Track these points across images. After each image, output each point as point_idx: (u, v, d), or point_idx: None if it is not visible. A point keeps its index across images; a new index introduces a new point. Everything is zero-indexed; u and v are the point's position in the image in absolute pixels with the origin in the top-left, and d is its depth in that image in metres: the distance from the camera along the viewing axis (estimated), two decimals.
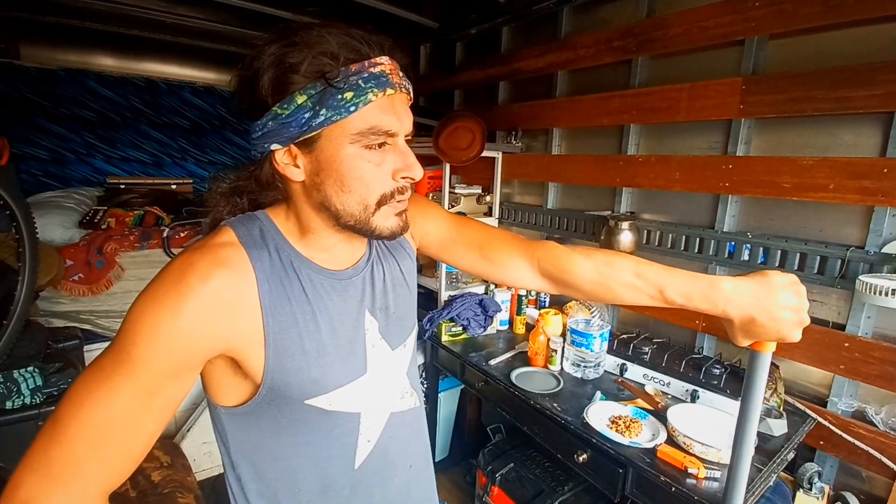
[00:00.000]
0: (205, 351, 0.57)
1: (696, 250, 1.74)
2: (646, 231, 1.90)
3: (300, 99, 0.56)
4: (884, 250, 1.32)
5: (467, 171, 2.69)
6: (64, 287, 2.10)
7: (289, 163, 0.61)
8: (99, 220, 2.42)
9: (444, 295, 2.25)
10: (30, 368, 1.49)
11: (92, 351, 2.00)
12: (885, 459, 1.31)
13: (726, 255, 1.65)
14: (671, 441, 1.29)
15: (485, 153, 2.23)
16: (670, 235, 1.82)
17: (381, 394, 0.73)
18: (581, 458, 1.35)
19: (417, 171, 0.63)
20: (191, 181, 3.89)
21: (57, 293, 2.12)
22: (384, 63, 0.58)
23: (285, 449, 0.67)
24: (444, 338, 2.02)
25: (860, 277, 1.27)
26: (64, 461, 0.50)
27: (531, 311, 2.17)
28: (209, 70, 3.93)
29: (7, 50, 3.12)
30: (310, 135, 0.57)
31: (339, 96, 0.55)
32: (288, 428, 0.65)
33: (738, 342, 0.71)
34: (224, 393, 0.64)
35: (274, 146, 0.59)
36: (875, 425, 1.36)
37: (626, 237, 1.85)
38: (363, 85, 0.56)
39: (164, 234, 2.24)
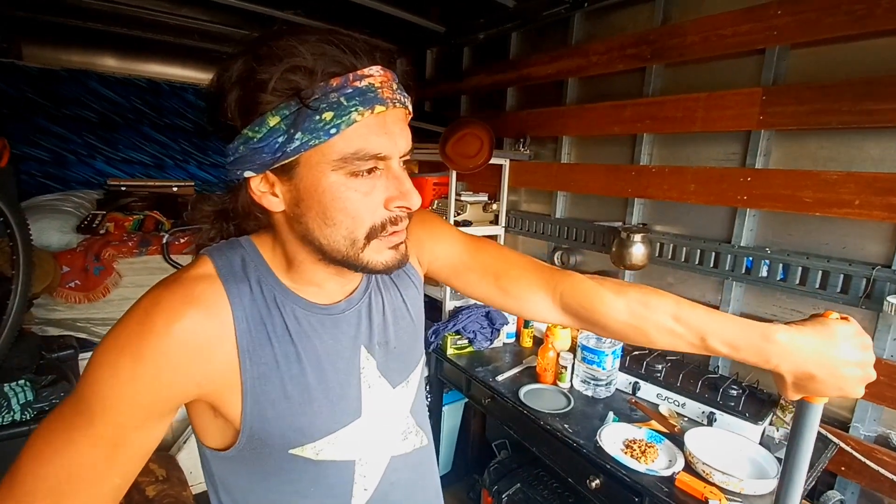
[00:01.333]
0: (172, 398, 0.51)
1: (711, 265, 1.68)
2: (658, 243, 1.84)
3: (272, 121, 0.48)
4: None
5: (474, 178, 2.64)
6: (60, 294, 2.06)
7: (266, 191, 0.53)
8: (97, 225, 2.37)
9: (450, 306, 2.19)
10: (20, 382, 1.44)
11: (87, 360, 1.95)
12: None
13: (743, 271, 1.59)
14: (689, 468, 1.23)
15: (492, 160, 2.18)
16: (684, 249, 1.76)
17: (379, 437, 0.65)
18: (594, 485, 1.29)
19: (414, 200, 0.54)
20: (192, 184, 3.85)
21: (52, 300, 2.07)
22: (373, 75, 0.50)
23: (274, 496, 0.60)
24: (450, 351, 1.96)
25: (888, 298, 1.22)
26: None
27: (539, 325, 2.12)
28: (212, 72, 3.84)
29: (9, 50, 3.09)
30: (285, 161, 0.50)
31: (317, 117, 0.48)
32: (275, 476, 0.59)
33: (788, 396, 0.62)
34: (209, 435, 0.59)
35: (248, 173, 0.52)
36: None
37: (637, 249, 1.79)
38: (345, 103, 0.48)
39: (164, 240, 2.19)
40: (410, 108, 0.56)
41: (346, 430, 0.61)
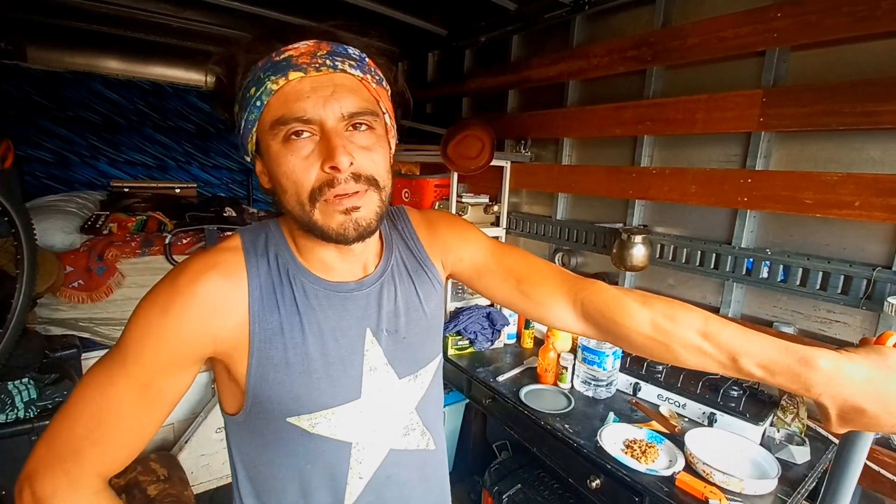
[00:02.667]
0: (193, 350, 0.57)
1: (712, 266, 1.68)
2: (659, 245, 1.85)
3: (236, 108, 0.59)
4: None
5: (475, 179, 2.64)
6: (63, 294, 2.07)
7: (261, 171, 0.62)
8: (101, 226, 2.39)
9: (451, 307, 2.20)
10: (24, 380, 1.45)
11: (90, 359, 1.96)
12: None
13: (744, 272, 1.59)
14: (690, 468, 1.23)
15: (493, 162, 2.19)
16: (685, 250, 1.77)
17: (378, 425, 0.66)
18: (594, 485, 1.30)
19: (340, 159, 0.54)
20: (195, 185, 3.87)
21: (56, 300, 2.08)
22: (295, 48, 0.55)
23: (272, 468, 0.64)
24: (451, 351, 1.97)
25: (889, 299, 1.22)
26: (65, 440, 0.54)
27: (540, 325, 2.12)
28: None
29: (14, 52, 3.11)
30: (249, 140, 0.59)
31: (247, 95, 0.56)
32: (273, 446, 0.63)
33: (832, 429, 0.56)
34: (226, 398, 0.65)
35: (247, 157, 0.62)
36: None
37: (638, 251, 1.80)
38: (263, 76, 0.55)
39: (167, 241, 2.20)
40: (358, 73, 0.58)
41: (343, 409, 0.63)
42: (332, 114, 0.55)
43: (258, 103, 0.55)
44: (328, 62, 0.55)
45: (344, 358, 0.63)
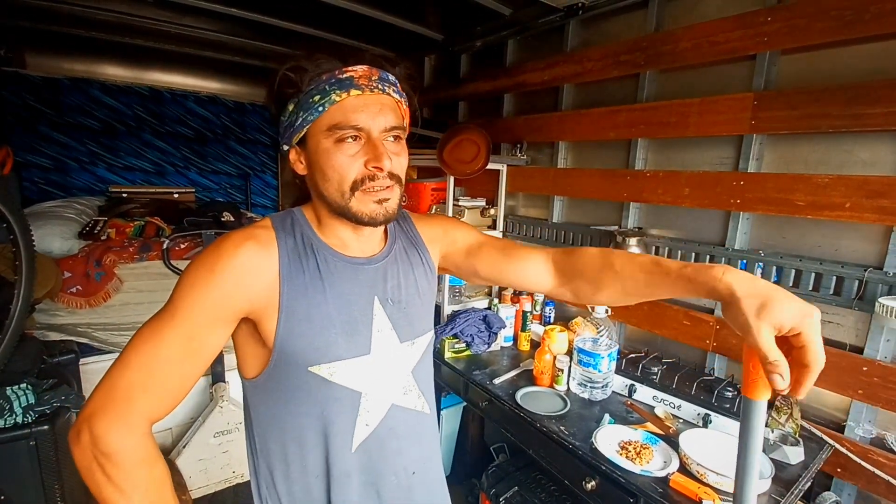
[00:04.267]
0: (233, 306, 0.67)
1: None
2: (654, 247, 1.86)
3: (290, 107, 0.72)
4: None
5: (471, 183, 2.66)
6: (61, 299, 2.07)
7: (296, 160, 0.75)
8: (99, 231, 2.40)
9: (448, 310, 2.21)
10: (22, 385, 1.45)
11: (88, 365, 1.96)
12: None
13: None
14: (684, 469, 1.23)
15: (489, 166, 2.20)
16: (679, 252, 1.78)
17: (383, 380, 0.78)
18: (589, 486, 1.30)
19: (384, 162, 0.70)
20: (193, 190, 3.88)
21: (54, 305, 2.09)
22: (355, 70, 0.70)
23: (292, 419, 0.74)
24: (448, 354, 1.97)
25: (880, 300, 1.23)
26: (119, 386, 0.63)
27: (536, 328, 2.13)
28: (213, 80, 3.95)
29: (13, 59, 3.13)
30: (299, 134, 0.71)
31: (311, 100, 0.69)
32: (294, 395, 0.73)
33: (752, 323, 0.55)
34: (248, 363, 0.75)
35: (285, 147, 0.75)
36: (895, 453, 1.31)
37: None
38: (328, 89, 0.68)
39: (164, 246, 2.21)
40: (396, 96, 0.74)
41: (356, 361, 0.75)
42: (377, 126, 0.70)
43: (320, 108, 0.69)
44: (379, 86, 0.71)
45: (357, 318, 0.75)
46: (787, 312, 0.54)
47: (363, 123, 0.69)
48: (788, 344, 0.55)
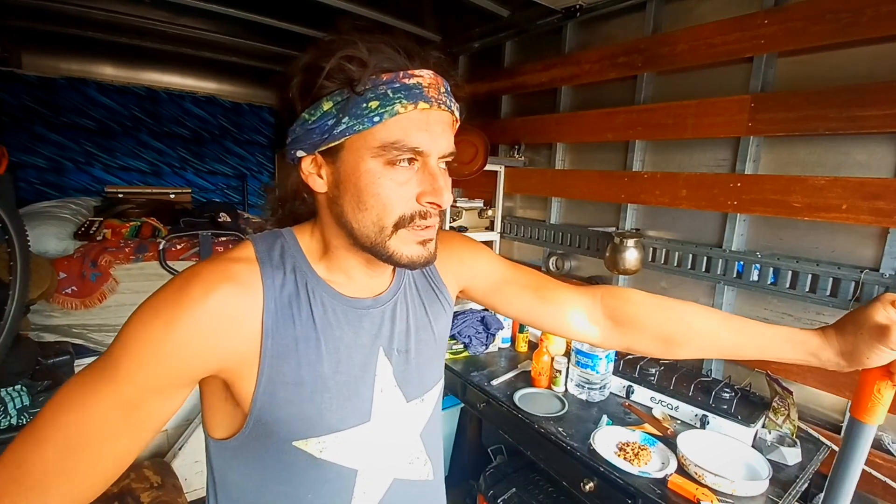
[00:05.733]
0: (196, 368, 0.52)
1: (703, 269, 1.70)
2: (651, 248, 1.86)
3: (326, 105, 0.53)
4: None
5: (469, 184, 2.66)
6: (56, 300, 2.06)
7: (313, 172, 0.57)
8: (94, 232, 2.38)
9: None
10: (17, 387, 1.45)
11: (83, 366, 1.95)
12: None
13: (735, 275, 1.61)
14: (682, 470, 1.23)
15: (487, 167, 2.20)
16: (677, 253, 1.78)
17: (384, 452, 0.64)
18: (588, 487, 1.30)
19: (446, 198, 0.56)
20: (189, 190, 3.86)
21: (49, 306, 2.07)
22: (423, 76, 0.53)
23: (269, 497, 0.60)
24: (445, 356, 1.97)
25: None
26: (31, 465, 0.47)
27: (534, 329, 2.13)
28: (211, 80, 3.94)
29: (9, 58, 3.12)
30: (332, 143, 0.54)
31: (364, 105, 0.52)
32: (273, 472, 0.59)
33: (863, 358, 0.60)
34: (216, 422, 0.60)
35: (300, 153, 0.56)
36: (892, 454, 1.31)
37: (631, 254, 1.81)
38: (391, 95, 0.52)
39: (161, 247, 2.20)
40: (457, 115, 0.60)
41: (352, 432, 0.60)
42: (437, 150, 0.56)
43: (375, 118, 0.52)
44: (446, 100, 0.56)
45: (357, 377, 0.60)
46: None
47: (425, 147, 0.54)
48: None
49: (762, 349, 0.66)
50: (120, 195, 3.42)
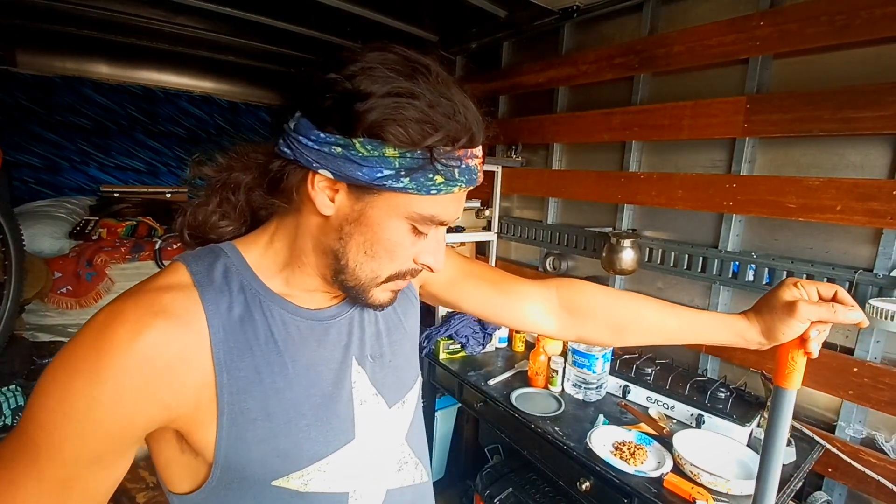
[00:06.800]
0: (137, 426, 0.45)
1: (699, 269, 1.71)
2: (648, 249, 1.87)
3: (389, 152, 0.46)
4: (893, 274, 1.29)
5: None
6: (51, 300, 2.05)
7: (326, 193, 0.50)
8: (90, 231, 2.37)
9: (442, 311, 2.20)
10: (11, 387, 1.44)
11: None
12: (895, 489, 1.27)
13: (730, 275, 1.62)
14: (678, 470, 1.24)
15: (484, 167, 2.20)
16: (673, 254, 1.79)
17: (373, 466, 0.59)
18: (584, 487, 1.30)
19: (441, 265, 0.56)
20: (185, 190, 3.85)
21: (44, 306, 2.07)
22: (478, 156, 0.52)
23: None
24: (442, 356, 1.97)
25: (870, 301, 1.24)
26: None
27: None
28: (207, 79, 3.93)
29: (3, 57, 3.10)
30: (369, 186, 0.48)
31: (431, 175, 0.47)
32: None
33: (767, 339, 0.68)
34: (174, 475, 0.52)
35: (324, 171, 0.48)
36: (885, 453, 1.32)
37: (627, 255, 1.82)
38: (457, 176, 0.49)
39: (157, 246, 2.19)
40: None
41: (338, 455, 0.55)
42: (453, 221, 0.55)
43: (433, 191, 0.48)
44: (477, 178, 0.53)
45: (332, 395, 0.55)
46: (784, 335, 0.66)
47: (450, 220, 0.53)
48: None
49: (699, 333, 0.72)
50: (116, 194, 3.40)
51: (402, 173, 0.47)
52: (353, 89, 0.45)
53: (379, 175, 0.47)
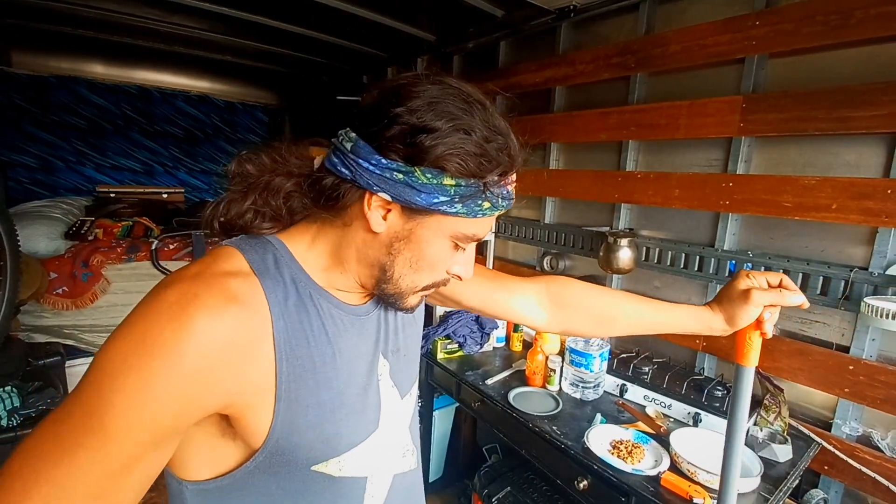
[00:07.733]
0: (202, 410, 0.46)
1: (695, 268, 1.71)
2: (644, 248, 1.87)
3: (448, 182, 0.49)
4: (888, 272, 1.30)
5: None
6: (47, 301, 2.04)
7: (380, 212, 0.52)
8: (86, 231, 2.36)
9: (440, 311, 2.20)
10: (7, 388, 1.43)
11: (75, 367, 1.93)
12: (891, 486, 1.28)
13: (727, 274, 1.62)
14: (675, 468, 1.24)
15: None
16: (669, 253, 1.80)
17: (387, 452, 0.64)
18: (582, 486, 1.31)
19: (470, 275, 0.61)
20: (182, 190, 3.84)
21: (40, 307, 2.06)
22: (515, 182, 0.57)
23: None
24: (440, 355, 1.97)
25: (865, 300, 1.25)
26: None
27: (528, 329, 2.13)
28: (204, 79, 3.92)
29: None
30: (425, 208, 0.51)
31: (480, 202, 0.52)
32: (283, 501, 0.55)
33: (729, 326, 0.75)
34: (199, 462, 0.52)
35: (383, 194, 0.50)
36: (881, 451, 1.33)
37: (624, 254, 1.82)
38: (500, 202, 0.54)
39: (153, 247, 2.19)
40: None
41: (365, 444, 0.59)
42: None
43: (479, 215, 0.53)
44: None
45: (365, 386, 0.59)
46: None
47: (484, 236, 0.58)
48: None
49: (673, 324, 0.80)
50: (112, 195, 3.40)
51: (457, 200, 0.51)
52: (418, 124, 0.48)
53: (435, 201, 0.50)
